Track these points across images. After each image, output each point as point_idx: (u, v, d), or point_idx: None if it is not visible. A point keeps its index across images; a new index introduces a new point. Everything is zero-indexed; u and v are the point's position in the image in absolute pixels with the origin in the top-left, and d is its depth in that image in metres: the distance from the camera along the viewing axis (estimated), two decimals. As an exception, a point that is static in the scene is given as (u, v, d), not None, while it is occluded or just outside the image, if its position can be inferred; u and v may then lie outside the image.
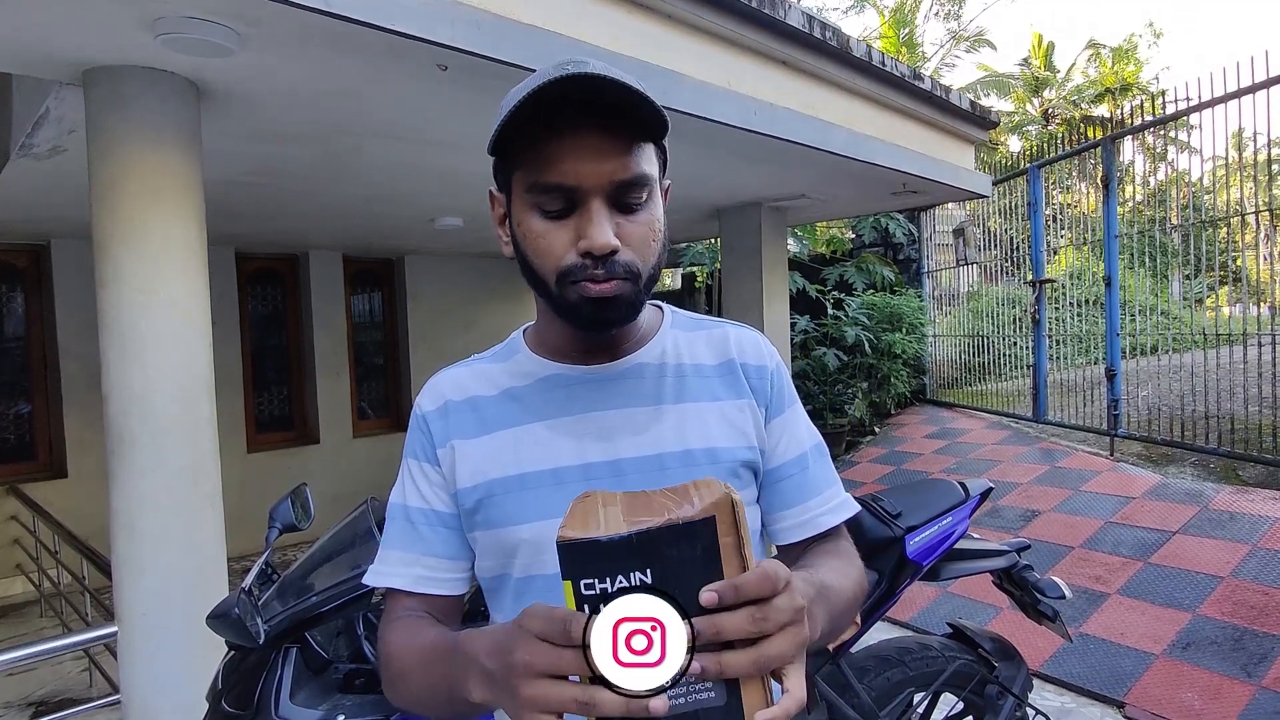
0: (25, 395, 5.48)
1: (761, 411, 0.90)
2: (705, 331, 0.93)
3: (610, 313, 0.78)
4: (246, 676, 1.54)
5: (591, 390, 0.86)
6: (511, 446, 0.84)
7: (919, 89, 4.26)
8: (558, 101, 0.73)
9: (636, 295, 0.79)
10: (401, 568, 0.87)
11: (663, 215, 0.83)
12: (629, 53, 2.64)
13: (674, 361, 0.89)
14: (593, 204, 0.75)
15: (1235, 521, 4.06)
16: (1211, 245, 5.84)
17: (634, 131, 0.76)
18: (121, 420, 2.24)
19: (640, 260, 0.78)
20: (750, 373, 0.90)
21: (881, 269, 7.76)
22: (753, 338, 0.94)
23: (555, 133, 0.74)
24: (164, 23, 1.92)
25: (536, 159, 0.75)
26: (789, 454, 0.90)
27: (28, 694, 3.67)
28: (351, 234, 5.87)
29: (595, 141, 0.74)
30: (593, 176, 0.74)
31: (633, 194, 0.77)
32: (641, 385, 0.86)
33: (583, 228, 0.75)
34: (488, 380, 0.90)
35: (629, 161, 0.76)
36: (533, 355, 0.90)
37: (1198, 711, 2.85)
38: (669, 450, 0.83)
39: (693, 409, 0.86)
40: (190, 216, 2.34)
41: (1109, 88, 17.67)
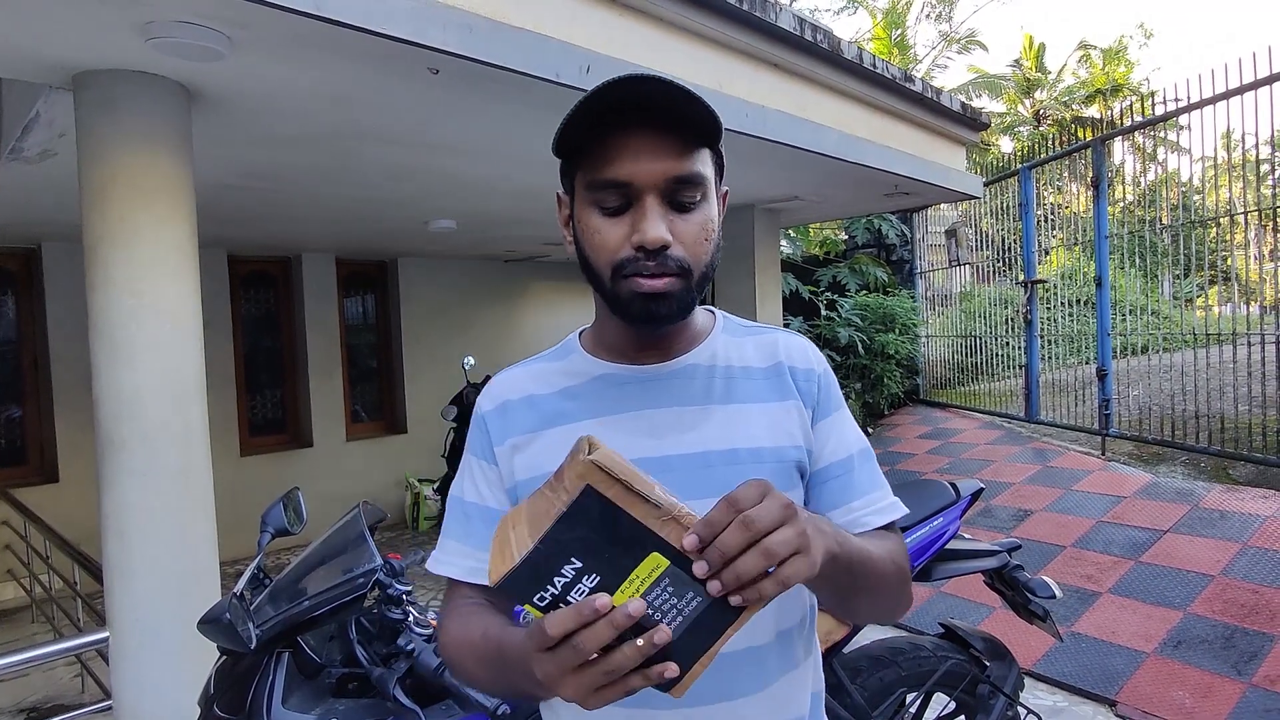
0: (16, 399, 5.45)
1: (808, 413, 0.92)
2: (755, 336, 0.97)
3: (661, 307, 0.81)
4: (239, 681, 1.54)
5: (643, 389, 0.89)
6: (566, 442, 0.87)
7: (910, 91, 4.27)
8: (618, 107, 0.78)
9: (688, 292, 0.82)
10: (457, 559, 0.91)
11: (718, 218, 0.87)
12: (620, 56, 2.64)
13: (723, 364, 0.92)
14: (647, 200, 0.79)
15: (1225, 520, 4.08)
16: (1202, 245, 5.88)
17: (688, 135, 0.81)
18: (112, 424, 2.23)
19: (692, 258, 0.82)
20: (798, 376, 0.93)
21: (874, 270, 7.78)
22: (801, 343, 0.97)
23: (614, 134, 0.79)
24: (154, 27, 1.92)
25: (596, 159, 0.80)
26: (836, 455, 0.92)
27: (20, 700, 3.65)
28: (344, 236, 5.85)
29: (651, 142, 0.79)
30: (647, 174, 0.79)
31: (686, 192, 0.81)
32: (691, 385, 0.90)
33: (637, 223, 0.79)
34: (544, 379, 0.94)
35: (683, 161, 0.80)
36: (587, 355, 0.94)
37: (1189, 709, 2.86)
38: (715, 449, 0.86)
39: (740, 410, 0.89)
40: (181, 219, 2.33)
41: (1100, 89, 17.77)
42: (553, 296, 8.44)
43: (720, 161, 0.88)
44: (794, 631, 0.90)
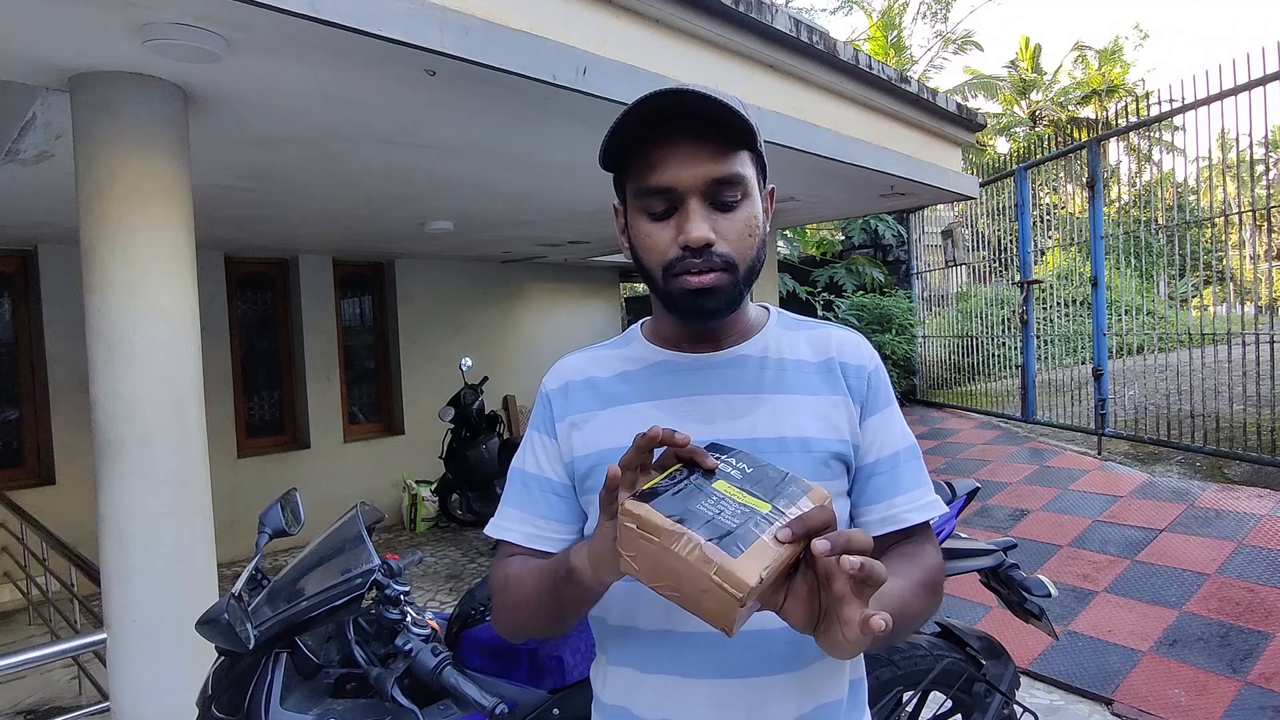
0: (13, 401, 5.44)
1: (857, 409, 0.94)
2: (808, 331, 1.00)
3: (710, 302, 0.86)
4: (236, 682, 1.54)
5: (696, 376, 0.94)
6: (622, 422, 0.93)
7: (906, 92, 4.29)
8: (660, 120, 0.84)
9: (735, 286, 0.87)
10: (516, 524, 0.96)
11: (761, 215, 0.91)
12: (616, 57, 2.65)
13: (775, 356, 0.96)
14: (690, 203, 0.85)
15: (1221, 519, 4.10)
16: (1197, 245, 5.90)
17: (725, 139, 0.85)
18: (109, 426, 2.23)
19: (736, 253, 0.86)
20: (849, 372, 0.96)
21: (871, 270, 7.80)
22: (854, 339, 1.00)
23: (656, 144, 0.85)
24: (151, 29, 1.92)
25: (641, 168, 0.86)
26: (882, 452, 0.95)
27: (17, 702, 3.65)
28: (341, 237, 5.85)
29: (690, 148, 0.84)
30: (688, 178, 0.84)
31: (726, 193, 0.85)
32: (743, 374, 0.94)
33: (681, 224, 0.85)
34: (605, 364, 1.00)
35: (721, 164, 0.85)
36: (646, 343, 0.99)
37: (1184, 707, 2.87)
38: (763, 436, 0.90)
39: (789, 400, 0.92)
40: (178, 221, 2.33)
41: (1095, 89, 17.82)
42: (550, 297, 8.45)
43: (762, 162, 0.92)
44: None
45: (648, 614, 0.89)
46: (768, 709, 0.87)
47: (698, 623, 0.83)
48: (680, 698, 0.88)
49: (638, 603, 0.89)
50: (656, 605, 0.86)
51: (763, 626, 0.84)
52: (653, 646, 0.89)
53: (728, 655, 0.86)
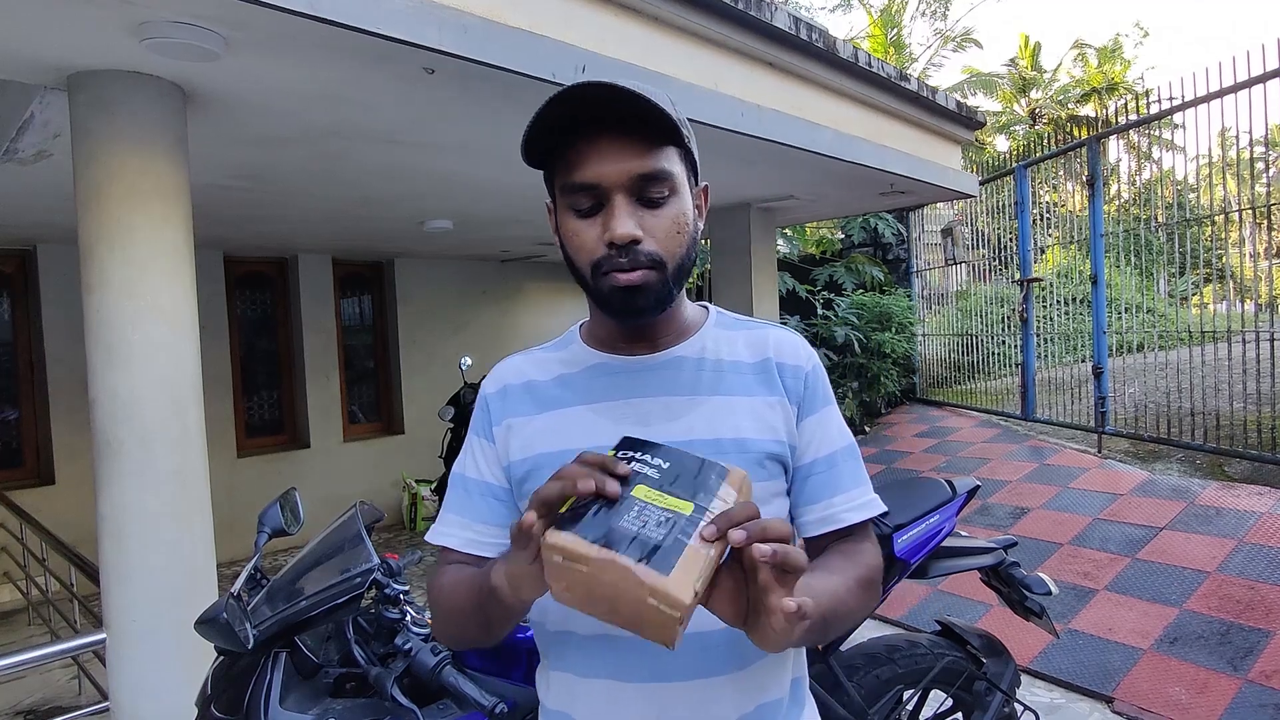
0: (12, 401, 5.44)
1: (794, 409, 0.94)
2: (747, 331, 0.99)
3: (638, 300, 0.85)
4: (236, 682, 1.54)
5: (633, 378, 0.94)
6: (559, 425, 0.93)
7: (905, 90, 4.28)
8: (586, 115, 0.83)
9: (664, 284, 0.86)
10: (456, 530, 0.96)
11: (691, 211, 0.90)
12: (616, 55, 2.65)
13: (712, 357, 0.95)
14: (615, 199, 0.84)
15: (1221, 517, 4.10)
16: (1197, 243, 5.89)
17: (652, 135, 0.84)
18: (109, 426, 2.23)
19: (664, 251, 0.86)
20: (785, 372, 0.95)
21: (870, 269, 7.79)
22: (792, 339, 0.99)
23: (581, 140, 0.84)
24: (149, 27, 1.92)
25: (566, 164, 0.86)
26: (819, 452, 0.95)
27: (16, 702, 3.65)
28: (341, 237, 5.85)
29: (614, 144, 0.83)
30: (613, 174, 0.83)
31: (653, 189, 0.85)
32: (680, 376, 0.94)
33: (607, 221, 0.84)
34: (544, 367, 0.99)
35: (646, 160, 0.84)
36: (584, 345, 0.98)
37: (1185, 705, 2.87)
38: (700, 438, 0.89)
39: (726, 402, 0.92)
40: (177, 220, 2.33)
41: (1095, 87, 17.81)
42: (549, 296, 8.45)
43: (691, 158, 0.91)
44: None
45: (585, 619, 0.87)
46: (709, 710, 0.86)
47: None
48: (620, 702, 0.87)
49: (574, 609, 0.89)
50: None
51: (702, 629, 0.84)
52: (591, 651, 0.89)
53: (667, 658, 0.85)
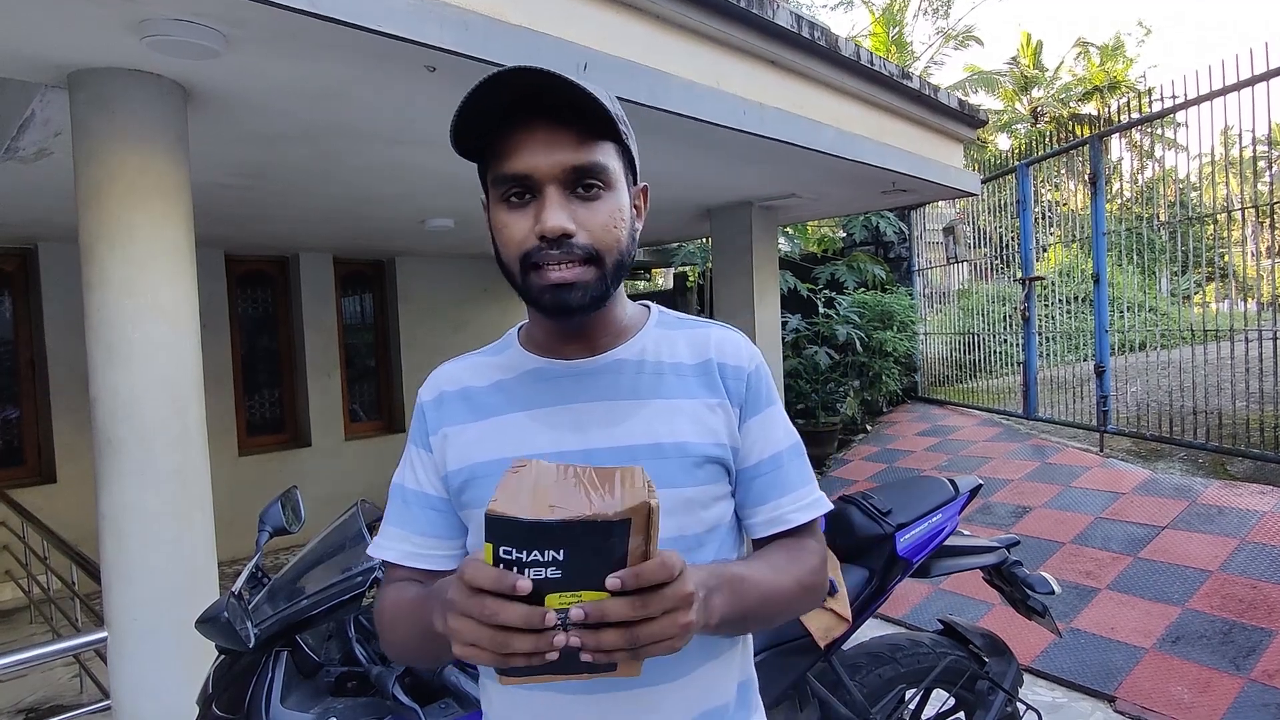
0: (13, 400, 5.44)
1: (735, 411, 0.92)
2: (689, 331, 0.97)
3: (571, 297, 0.82)
4: (237, 681, 1.53)
5: (571, 383, 0.91)
6: (496, 433, 0.90)
7: (907, 88, 4.27)
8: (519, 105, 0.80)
9: (600, 281, 0.83)
10: (396, 543, 0.94)
11: (629, 209, 0.87)
12: (617, 53, 2.64)
13: (653, 359, 0.93)
14: (547, 190, 0.81)
15: (1224, 516, 4.09)
16: (1199, 242, 5.88)
17: (587, 127, 0.82)
18: (109, 424, 2.22)
19: (599, 245, 0.82)
20: (727, 373, 0.93)
21: (872, 267, 7.78)
22: (734, 339, 0.97)
23: (513, 130, 0.81)
24: (149, 25, 1.91)
25: (499, 155, 0.82)
26: (764, 453, 0.93)
27: (18, 700, 3.65)
28: (342, 235, 5.85)
29: (547, 134, 0.81)
30: (545, 164, 0.80)
31: (588, 181, 0.82)
32: (619, 380, 0.91)
33: (538, 213, 0.81)
34: (481, 373, 0.96)
35: (580, 151, 0.81)
36: (522, 350, 0.95)
37: (1188, 704, 2.87)
38: (640, 443, 0.87)
39: (667, 405, 0.90)
40: (178, 219, 2.33)
41: (1097, 85, 17.79)
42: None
43: (629, 156, 0.89)
44: None
45: None
46: (653, 718, 0.86)
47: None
48: (562, 713, 0.86)
49: None
50: None
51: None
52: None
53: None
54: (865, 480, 5.88)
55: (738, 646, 0.95)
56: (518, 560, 0.61)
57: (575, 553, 0.61)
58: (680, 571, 0.65)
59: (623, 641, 0.62)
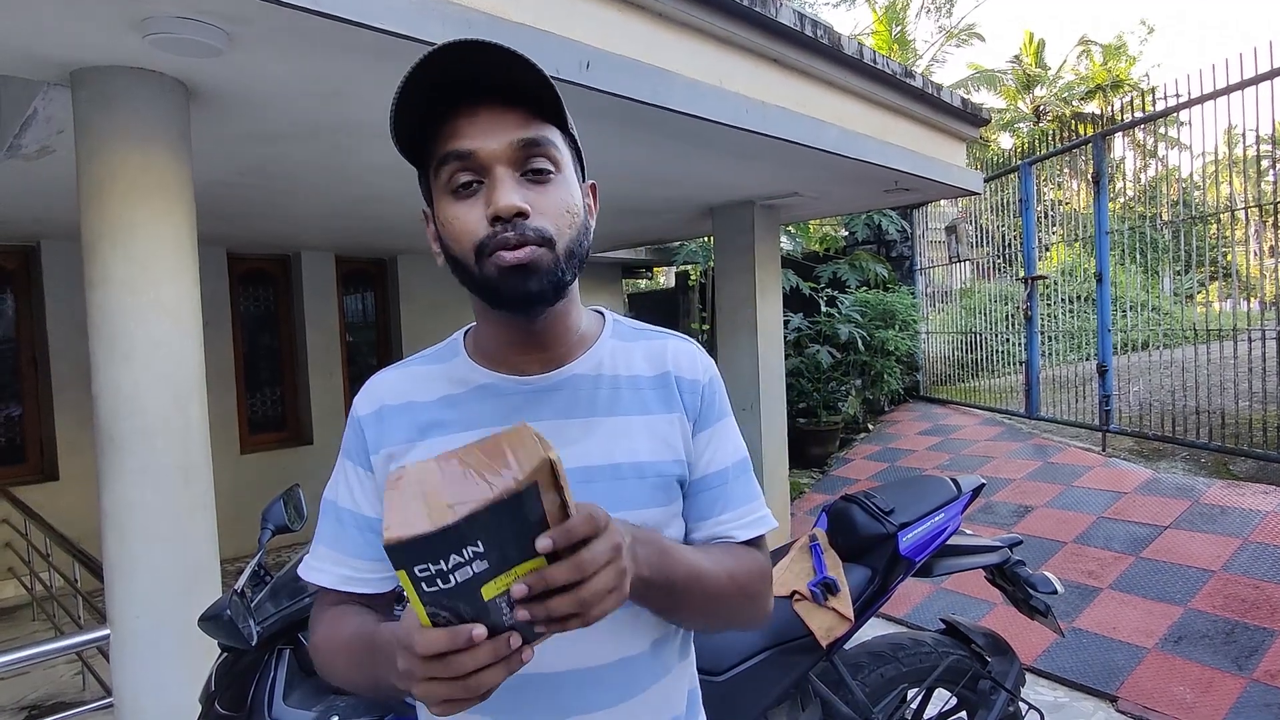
0: (15, 397, 5.44)
1: (689, 425, 0.90)
2: (645, 342, 0.94)
3: (530, 282, 0.77)
4: (239, 678, 1.54)
5: (525, 400, 0.86)
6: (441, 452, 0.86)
7: (911, 87, 4.26)
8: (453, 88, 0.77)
9: (555, 265, 0.79)
10: (330, 565, 0.89)
11: (580, 199, 0.84)
12: (620, 51, 2.64)
13: (609, 373, 0.89)
14: (496, 170, 0.77)
15: (1226, 516, 4.08)
16: (1202, 241, 5.87)
17: (532, 109, 0.79)
18: (111, 422, 2.23)
19: (554, 229, 0.78)
20: (683, 386, 0.91)
21: (874, 266, 7.77)
22: (689, 350, 0.94)
23: (457, 113, 0.78)
24: (152, 22, 1.91)
25: (441, 139, 0.79)
26: (710, 468, 0.91)
27: (21, 697, 3.65)
28: (344, 234, 5.84)
29: (492, 115, 0.78)
30: (492, 143, 0.77)
31: (537, 160, 0.79)
32: (575, 398, 0.87)
33: (489, 195, 0.77)
34: (425, 385, 0.90)
35: (527, 127, 0.78)
36: (470, 362, 0.90)
37: (1190, 704, 2.86)
38: (596, 464, 0.84)
39: (623, 422, 0.87)
40: (180, 217, 2.32)
41: (1100, 84, 17.76)
42: (552, 293, 8.44)
43: (576, 148, 0.86)
44: (669, 638, 0.90)
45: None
46: None
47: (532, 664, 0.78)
48: None
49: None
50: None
51: (590, 664, 0.82)
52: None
53: (559, 696, 0.82)
54: (867, 479, 5.88)
55: (686, 659, 0.93)
56: (439, 572, 0.57)
57: (494, 537, 0.57)
58: (606, 521, 0.63)
59: (571, 604, 0.60)
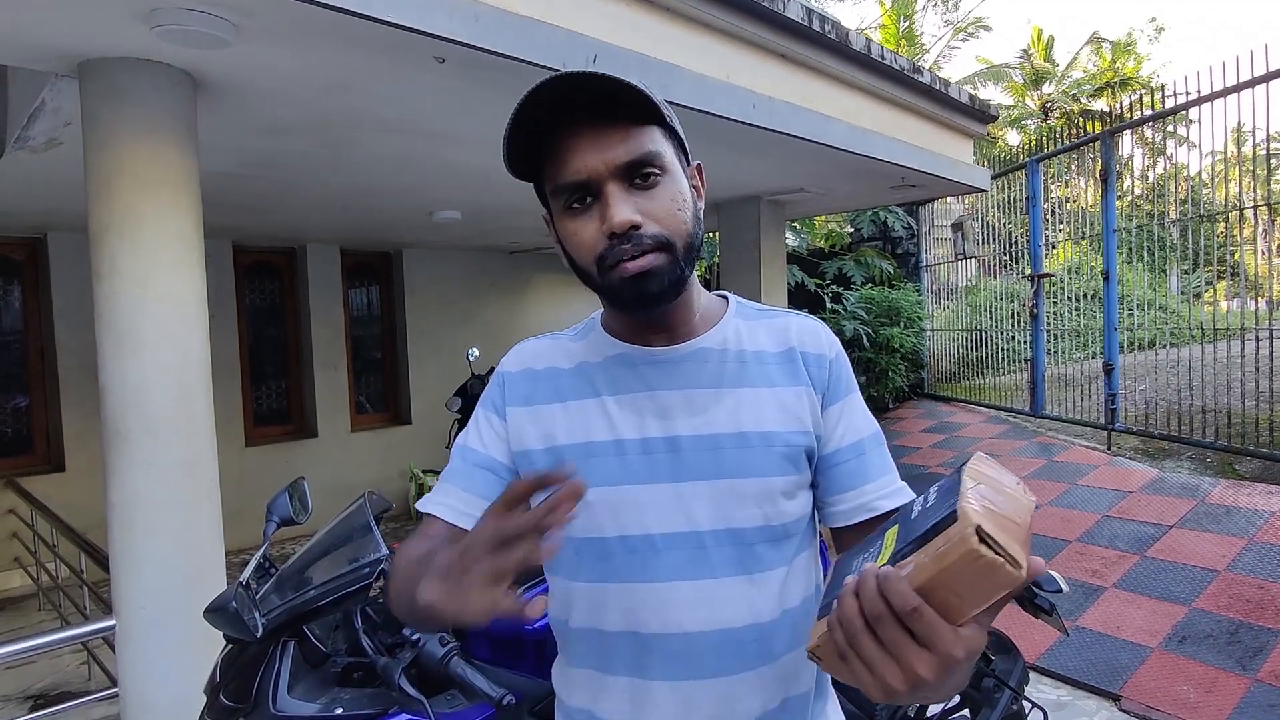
0: (23, 389, 5.47)
1: (818, 398, 0.93)
2: (768, 320, 0.97)
3: (650, 285, 0.82)
4: (244, 670, 1.54)
5: (656, 370, 0.91)
6: (581, 416, 0.90)
7: (918, 82, 4.24)
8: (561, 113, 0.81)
9: (675, 265, 0.83)
10: (445, 498, 0.93)
11: (688, 189, 0.87)
12: (627, 46, 2.63)
13: (735, 348, 0.93)
14: (607, 189, 0.81)
15: (1232, 515, 4.07)
16: (1209, 240, 5.84)
17: (630, 118, 0.82)
18: (118, 414, 2.23)
19: (668, 231, 0.83)
20: (809, 361, 0.94)
21: (880, 263, 7.76)
22: (814, 328, 0.98)
23: (560, 139, 0.82)
24: (159, 14, 1.91)
25: (553, 167, 0.83)
26: (846, 440, 0.93)
27: (26, 687, 3.68)
28: (349, 227, 5.85)
29: (594, 135, 0.81)
30: (598, 165, 0.81)
31: (643, 171, 0.82)
32: (703, 368, 0.91)
33: (603, 212, 0.81)
34: (566, 354, 0.96)
35: (630, 144, 0.81)
36: (606, 335, 0.95)
37: (1193, 704, 2.86)
38: (724, 431, 0.88)
39: (750, 394, 0.90)
40: (186, 209, 2.33)
41: (1109, 82, 17.65)
42: (557, 288, 8.43)
43: (678, 137, 0.89)
44: (798, 609, 0.91)
45: (611, 616, 0.87)
46: (735, 707, 0.86)
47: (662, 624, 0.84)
48: (645, 700, 0.86)
49: (602, 605, 0.88)
50: (620, 608, 0.86)
51: (728, 625, 0.85)
52: (616, 649, 0.88)
53: (694, 656, 0.85)
54: (871, 476, 5.85)
55: None
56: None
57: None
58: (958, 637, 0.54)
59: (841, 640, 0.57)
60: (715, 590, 0.85)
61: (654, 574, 0.85)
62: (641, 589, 0.86)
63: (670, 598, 0.85)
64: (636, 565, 0.86)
